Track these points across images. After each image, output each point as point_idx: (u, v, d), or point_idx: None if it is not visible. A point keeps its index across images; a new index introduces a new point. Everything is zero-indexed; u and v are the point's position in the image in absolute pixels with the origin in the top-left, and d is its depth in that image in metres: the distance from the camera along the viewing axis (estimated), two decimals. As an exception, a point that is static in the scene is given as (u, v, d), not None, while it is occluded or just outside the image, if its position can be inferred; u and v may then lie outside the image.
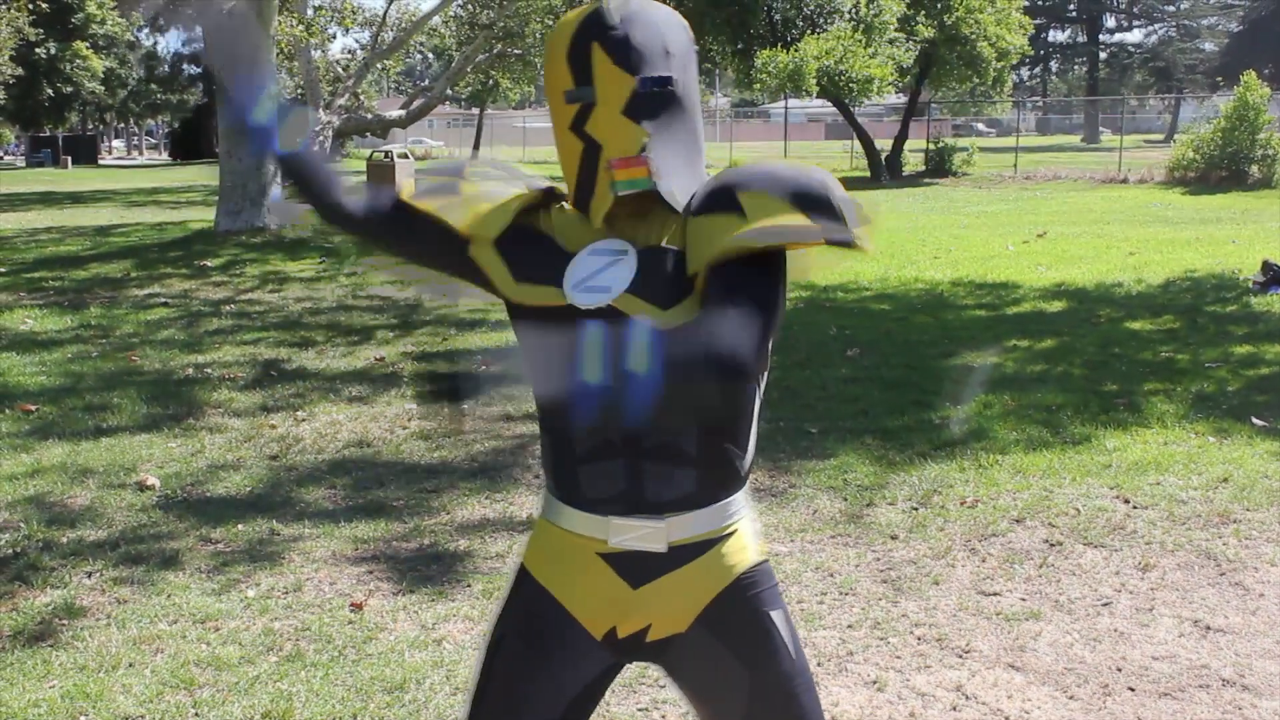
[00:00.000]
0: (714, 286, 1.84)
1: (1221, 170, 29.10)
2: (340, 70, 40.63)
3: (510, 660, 2.10)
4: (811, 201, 1.89)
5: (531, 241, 2.07)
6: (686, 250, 1.94)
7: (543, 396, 1.88)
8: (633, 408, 1.66)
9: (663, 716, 3.86)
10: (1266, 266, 12.43)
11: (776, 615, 2.11)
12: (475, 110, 60.66)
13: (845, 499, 5.99)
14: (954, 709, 3.93)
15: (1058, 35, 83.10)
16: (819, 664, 4.24)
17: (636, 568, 2.03)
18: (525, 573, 2.15)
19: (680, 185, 1.96)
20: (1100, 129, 68.12)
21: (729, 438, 2.03)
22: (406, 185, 2.17)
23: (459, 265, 2.14)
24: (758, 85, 31.32)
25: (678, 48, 1.99)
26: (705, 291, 1.86)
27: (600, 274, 1.99)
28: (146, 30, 65.28)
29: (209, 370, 8.96)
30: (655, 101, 1.95)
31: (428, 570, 5.11)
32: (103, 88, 62.85)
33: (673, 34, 1.99)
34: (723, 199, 1.92)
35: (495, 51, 38.09)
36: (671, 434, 1.98)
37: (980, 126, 69.85)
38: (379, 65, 42.16)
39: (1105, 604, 4.78)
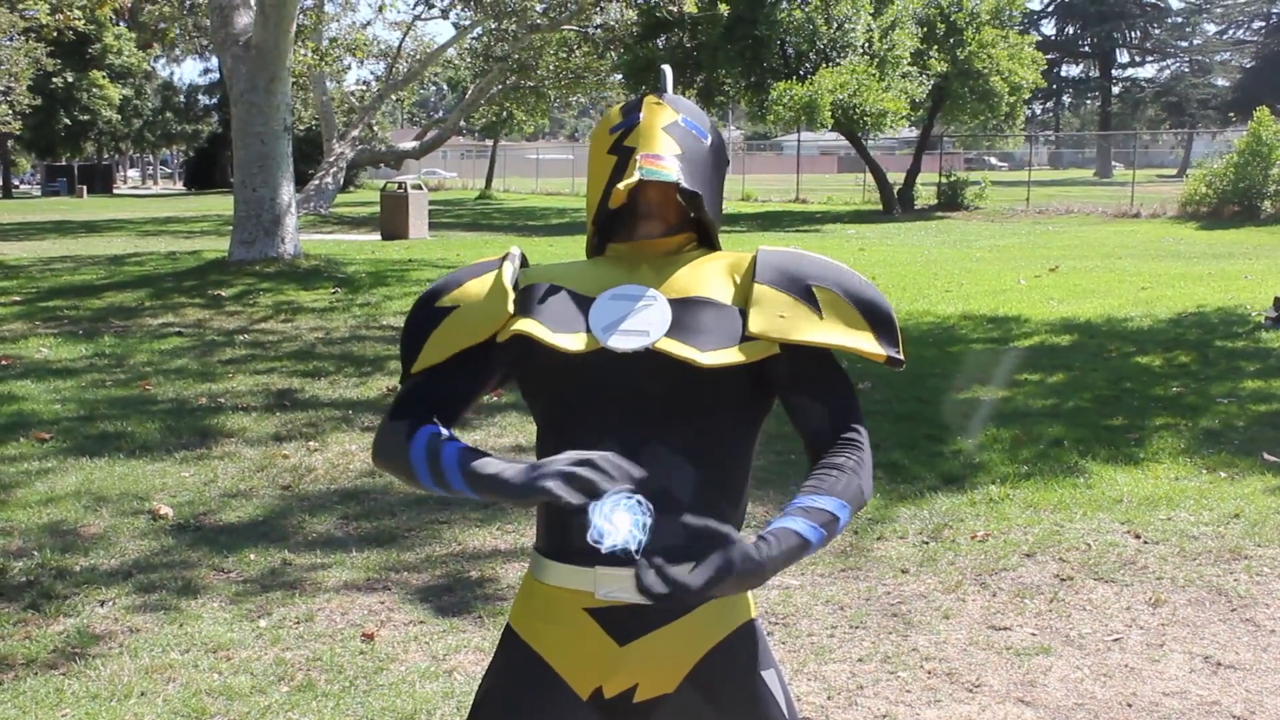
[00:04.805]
0: (798, 364, 2.07)
1: (1234, 205, 29.12)
2: (355, 101, 40.89)
3: (493, 717, 2.09)
4: (879, 320, 2.09)
5: (547, 296, 2.08)
6: (751, 309, 2.03)
7: (566, 445, 1.96)
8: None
9: None
10: (1278, 302, 12.43)
11: (768, 674, 2.09)
12: (488, 142, 60.99)
13: (855, 532, 6.00)
14: (963, 744, 3.93)
15: (1070, 70, 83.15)
16: (829, 697, 4.24)
17: (623, 624, 2.01)
18: (511, 631, 2.13)
19: (698, 190, 2.09)
20: (1113, 163, 68.09)
21: (722, 488, 2.04)
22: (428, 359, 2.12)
23: (493, 363, 2.11)
24: (771, 117, 31.45)
25: (712, 130, 2.20)
26: (788, 366, 2.06)
27: (631, 318, 2.00)
28: (163, 61, 65.69)
29: (222, 399, 9.00)
30: (689, 136, 2.13)
31: (439, 601, 5.13)
32: (119, 116, 63.25)
33: (710, 121, 2.21)
34: (795, 285, 2.06)
35: (509, 84, 38.33)
36: (666, 480, 1.97)
37: (992, 160, 69.90)
38: (393, 96, 42.41)
39: (1116, 639, 4.77)
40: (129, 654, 4.56)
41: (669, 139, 2.08)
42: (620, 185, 2.03)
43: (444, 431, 2.02)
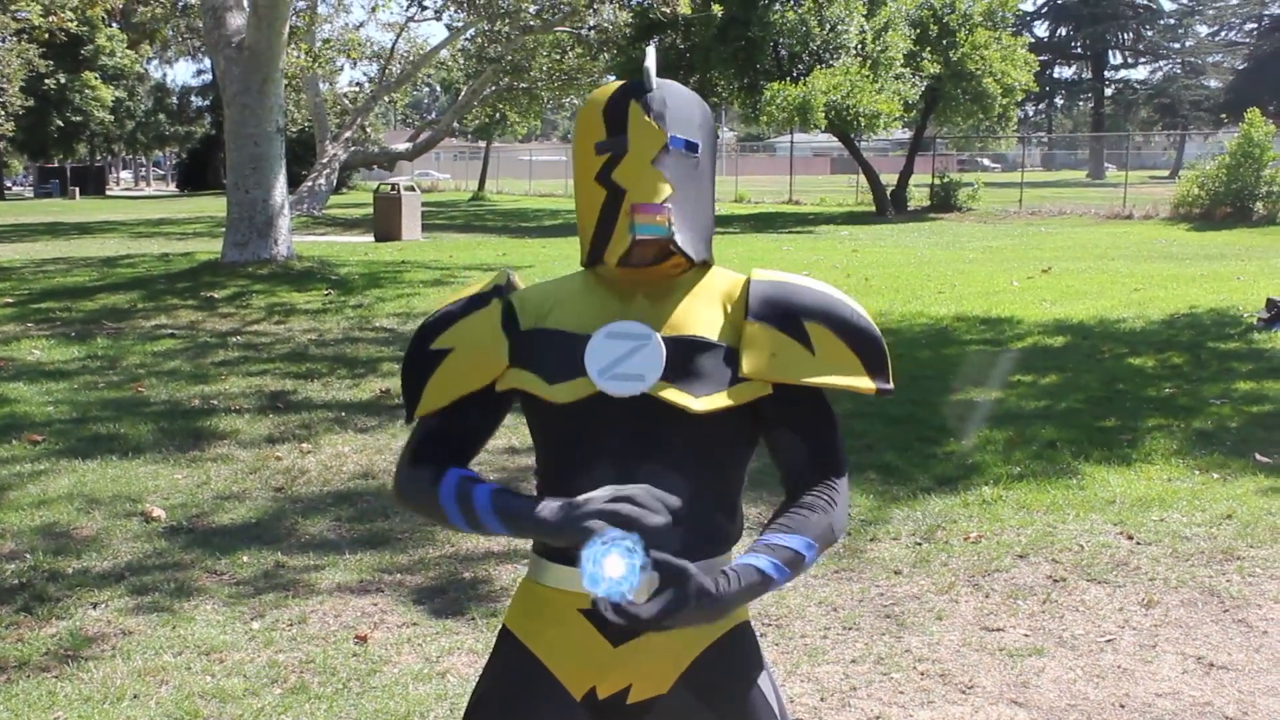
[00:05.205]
0: (786, 402, 2.08)
1: (1226, 207, 29.16)
2: (348, 103, 40.88)
3: (489, 718, 2.10)
4: (870, 353, 2.12)
5: (541, 341, 2.09)
6: (742, 349, 2.04)
7: (567, 479, 2.04)
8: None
9: None
10: (1271, 303, 12.45)
11: (760, 675, 2.11)
12: (481, 143, 60.96)
13: (849, 534, 6.00)
14: (957, 745, 3.93)
15: (1063, 71, 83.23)
16: (822, 699, 4.24)
17: (617, 625, 1.99)
18: (507, 632, 2.15)
19: (693, 247, 2.04)
20: (1105, 165, 68.17)
21: (717, 502, 2.07)
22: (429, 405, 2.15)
23: (498, 403, 2.16)
24: (765, 118, 31.47)
25: (704, 123, 2.13)
26: (776, 403, 2.07)
27: (627, 360, 2.01)
28: (156, 62, 65.69)
29: (215, 401, 8.99)
30: (680, 162, 2.06)
31: (432, 603, 5.12)
32: (111, 118, 63.18)
33: (700, 111, 2.13)
34: (787, 321, 2.07)
35: (502, 85, 38.32)
36: (664, 491, 1.98)
37: (985, 162, 69.99)
38: (386, 98, 42.39)
39: (1109, 640, 4.78)
40: (122, 656, 4.55)
41: (660, 180, 2.02)
42: (612, 258, 2.02)
43: (471, 474, 2.07)
